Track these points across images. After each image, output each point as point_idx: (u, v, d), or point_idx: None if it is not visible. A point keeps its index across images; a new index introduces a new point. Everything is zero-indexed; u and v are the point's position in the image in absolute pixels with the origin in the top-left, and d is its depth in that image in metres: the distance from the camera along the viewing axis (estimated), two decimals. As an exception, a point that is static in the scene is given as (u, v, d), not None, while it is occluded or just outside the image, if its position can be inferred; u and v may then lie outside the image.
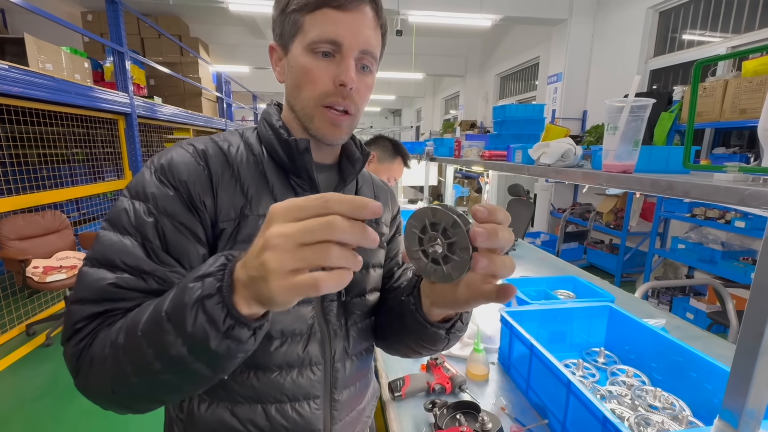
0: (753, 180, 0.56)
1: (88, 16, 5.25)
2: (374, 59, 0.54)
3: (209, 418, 0.55)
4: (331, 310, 0.58)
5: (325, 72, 0.50)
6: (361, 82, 0.52)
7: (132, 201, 0.48)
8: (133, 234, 0.46)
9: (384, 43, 0.57)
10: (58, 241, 2.98)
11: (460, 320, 0.54)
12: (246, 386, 0.54)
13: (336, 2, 0.49)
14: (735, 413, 0.51)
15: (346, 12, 0.49)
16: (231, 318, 0.33)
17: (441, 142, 2.63)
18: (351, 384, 0.62)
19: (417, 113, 12.72)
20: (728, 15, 3.22)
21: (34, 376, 2.33)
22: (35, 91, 2.29)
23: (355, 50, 0.50)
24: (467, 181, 6.34)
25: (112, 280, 0.44)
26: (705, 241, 3.13)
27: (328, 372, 0.59)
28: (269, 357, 0.54)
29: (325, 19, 0.49)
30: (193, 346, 0.35)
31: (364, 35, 0.50)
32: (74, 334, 0.44)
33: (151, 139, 4.21)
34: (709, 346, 1.27)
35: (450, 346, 0.58)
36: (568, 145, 1.03)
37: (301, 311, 0.55)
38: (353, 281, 0.59)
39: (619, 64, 4.23)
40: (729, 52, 3.15)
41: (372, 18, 0.52)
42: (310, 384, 0.57)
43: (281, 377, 0.55)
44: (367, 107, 0.60)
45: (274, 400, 0.55)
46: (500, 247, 0.35)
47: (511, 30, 6.37)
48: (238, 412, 0.55)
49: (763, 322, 0.47)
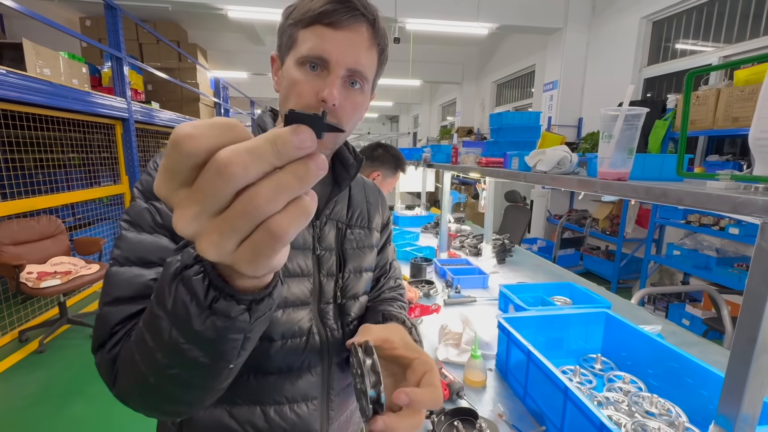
0: (744, 188, 0.57)
1: (87, 21, 5.27)
2: (364, 78, 0.53)
3: (207, 420, 0.55)
4: (327, 312, 0.60)
5: (311, 86, 0.51)
6: (347, 99, 0.52)
7: (151, 202, 0.48)
8: (162, 231, 0.47)
9: (381, 63, 0.57)
10: (53, 247, 2.96)
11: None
12: (245, 388, 0.54)
13: (328, 19, 0.49)
14: (730, 419, 0.51)
15: (338, 30, 0.50)
16: (215, 289, 0.29)
17: (438, 149, 2.64)
18: (346, 385, 0.64)
19: (414, 119, 12.80)
20: (720, 25, 3.28)
21: (27, 383, 2.30)
22: (33, 96, 2.29)
23: (342, 68, 0.50)
24: (464, 188, 6.36)
25: (153, 276, 0.44)
26: (700, 247, 3.16)
27: (326, 373, 0.59)
28: (269, 359, 0.54)
29: (316, 35, 0.50)
30: (180, 327, 0.31)
31: (353, 54, 0.51)
32: (110, 338, 0.42)
33: (148, 144, 4.21)
34: (704, 352, 1.28)
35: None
36: (564, 152, 1.04)
37: (300, 313, 0.56)
38: (348, 284, 0.62)
39: (613, 72, 4.28)
40: (721, 63, 3.20)
41: (367, 38, 0.52)
42: (309, 385, 0.57)
43: (280, 379, 0.55)
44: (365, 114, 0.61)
45: (273, 401, 0.56)
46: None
47: (508, 38, 6.44)
48: (236, 414, 0.55)
49: (756, 328, 0.48)
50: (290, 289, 0.55)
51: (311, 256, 0.58)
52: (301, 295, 0.56)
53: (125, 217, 0.48)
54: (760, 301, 0.48)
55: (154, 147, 4.38)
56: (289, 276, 0.55)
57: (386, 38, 0.56)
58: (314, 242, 0.59)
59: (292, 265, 0.55)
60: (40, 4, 4.68)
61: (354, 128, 0.59)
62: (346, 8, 0.49)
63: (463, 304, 1.64)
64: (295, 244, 0.56)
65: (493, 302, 1.66)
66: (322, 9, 0.49)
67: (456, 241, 2.63)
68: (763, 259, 0.47)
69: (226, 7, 4.15)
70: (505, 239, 2.39)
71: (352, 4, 0.50)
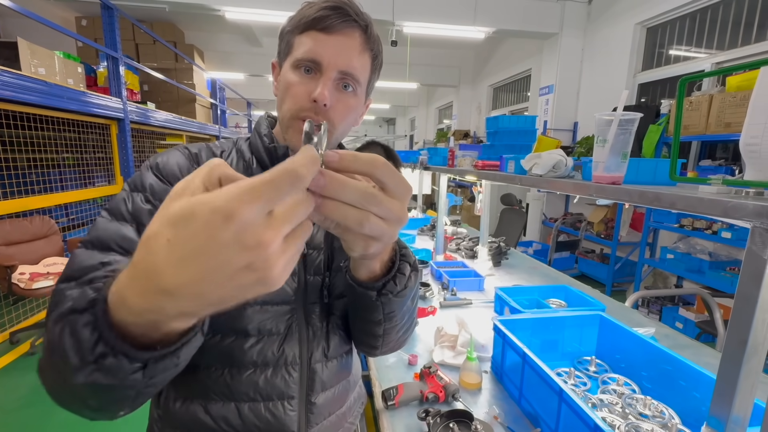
0: (736, 192, 0.58)
1: (83, 21, 5.24)
2: (356, 81, 0.55)
3: (183, 415, 0.56)
4: (314, 311, 0.59)
5: (305, 88, 0.53)
6: (339, 101, 0.54)
7: (131, 193, 0.51)
8: (130, 220, 0.49)
9: (375, 68, 0.59)
10: (46, 247, 2.93)
11: (392, 281, 0.47)
12: (220, 383, 0.55)
13: (322, 25, 0.52)
14: (722, 420, 0.52)
15: (330, 34, 0.52)
16: (104, 343, 0.27)
17: (435, 152, 2.65)
18: (330, 387, 0.62)
19: (411, 122, 12.82)
20: (712, 32, 3.33)
21: (17, 386, 2.27)
22: (27, 96, 2.27)
23: (334, 70, 0.53)
24: (460, 190, 6.39)
25: (106, 260, 0.44)
26: (693, 251, 3.19)
27: (305, 373, 0.59)
28: (244, 354, 0.54)
29: (310, 39, 0.52)
30: (62, 370, 0.29)
31: (345, 57, 0.53)
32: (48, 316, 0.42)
33: (144, 145, 4.19)
34: (697, 355, 1.29)
35: (390, 319, 0.52)
36: (560, 156, 1.05)
37: (280, 310, 0.56)
38: (336, 283, 0.61)
39: (608, 77, 4.33)
40: (713, 69, 3.24)
41: (359, 42, 0.54)
42: (285, 384, 0.57)
43: (255, 375, 0.55)
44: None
45: (247, 398, 0.55)
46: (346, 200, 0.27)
47: (504, 42, 6.49)
48: (211, 410, 0.55)
49: (747, 331, 0.49)
50: None
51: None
52: (281, 292, 0.56)
53: (106, 206, 0.50)
54: (750, 304, 0.48)
55: (150, 147, 4.36)
56: None
57: (380, 44, 0.58)
58: None
59: None
60: (35, 3, 4.65)
61: (348, 131, 0.60)
62: (338, 14, 0.52)
63: (458, 306, 1.65)
64: None
65: (489, 305, 1.67)
66: (316, 15, 0.52)
67: (452, 244, 2.64)
68: (753, 263, 0.48)
69: (223, 8, 4.14)
70: (500, 242, 2.40)
71: (344, 10, 0.52)
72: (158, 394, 0.59)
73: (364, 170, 0.28)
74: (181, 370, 0.41)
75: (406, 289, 0.49)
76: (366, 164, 0.28)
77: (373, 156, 0.28)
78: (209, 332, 0.54)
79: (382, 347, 0.60)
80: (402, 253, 0.48)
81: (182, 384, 0.56)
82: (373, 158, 0.28)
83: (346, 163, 0.28)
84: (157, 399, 0.58)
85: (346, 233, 0.30)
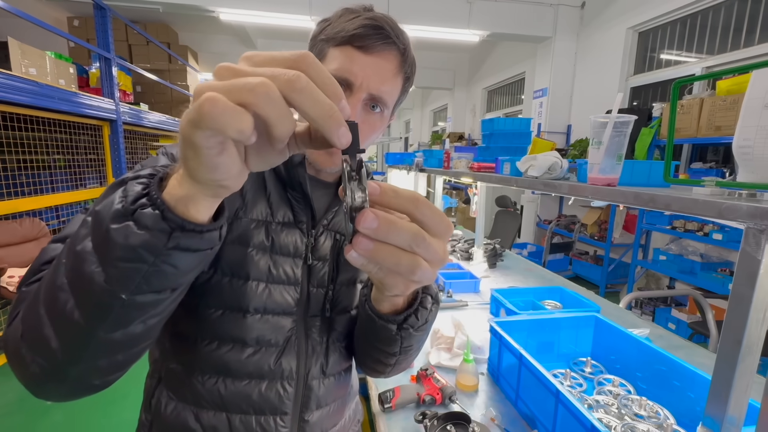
0: (729, 194, 0.58)
1: (75, 21, 5.19)
2: (384, 105, 0.54)
3: (174, 420, 0.55)
4: (314, 325, 0.57)
5: None
6: (365, 122, 0.53)
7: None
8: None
9: (405, 90, 0.58)
10: (36, 250, 2.87)
11: (414, 315, 0.46)
12: (213, 392, 0.54)
13: (360, 42, 0.50)
14: (717, 420, 0.52)
15: (367, 54, 0.50)
16: (148, 199, 0.29)
17: (430, 154, 2.66)
18: (325, 404, 0.60)
19: (406, 124, 12.85)
20: (702, 37, 3.38)
21: (4, 392, 2.22)
22: (17, 96, 2.24)
23: (365, 92, 0.51)
24: (455, 192, 6.40)
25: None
26: (685, 252, 3.23)
27: (300, 389, 0.57)
28: (240, 365, 0.53)
29: (345, 55, 0.51)
30: (96, 228, 0.30)
31: (378, 80, 0.51)
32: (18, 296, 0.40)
33: (137, 146, 4.14)
34: (690, 355, 1.30)
35: (406, 352, 0.52)
36: (555, 158, 1.06)
37: (281, 322, 0.55)
38: (339, 296, 0.59)
39: (601, 80, 4.38)
40: (705, 73, 3.30)
41: (395, 65, 0.53)
42: (279, 400, 0.55)
43: (249, 388, 0.54)
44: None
45: (239, 410, 0.54)
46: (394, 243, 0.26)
47: (498, 46, 6.54)
48: (202, 418, 0.54)
49: (741, 331, 0.49)
50: (271, 296, 0.54)
51: (301, 265, 0.56)
52: (283, 302, 0.55)
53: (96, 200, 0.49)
54: (745, 304, 0.49)
55: (143, 149, 4.31)
56: (272, 282, 0.54)
57: (414, 66, 0.57)
58: (306, 251, 0.57)
59: (276, 271, 0.54)
60: (27, 2, 4.60)
61: (368, 148, 0.59)
62: (378, 34, 0.50)
63: (454, 308, 1.65)
64: (284, 251, 0.55)
65: (485, 306, 1.67)
66: (356, 31, 0.49)
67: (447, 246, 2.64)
68: (747, 263, 0.49)
69: (217, 9, 4.13)
70: (496, 244, 2.41)
71: (385, 31, 0.50)
72: (150, 397, 0.57)
73: (406, 208, 0.26)
74: (178, 371, 0.39)
75: (427, 324, 0.49)
76: (408, 201, 0.26)
77: (413, 193, 0.26)
78: (207, 338, 0.53)
79: (390, 373, 0.60)
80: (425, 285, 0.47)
81: (175, 388, 0.55)
82: (414, 195, 0.26)
83: (387, 198, 0.26)
84: (148, 403, 0.57)
85: (391, 277, 0.28)
